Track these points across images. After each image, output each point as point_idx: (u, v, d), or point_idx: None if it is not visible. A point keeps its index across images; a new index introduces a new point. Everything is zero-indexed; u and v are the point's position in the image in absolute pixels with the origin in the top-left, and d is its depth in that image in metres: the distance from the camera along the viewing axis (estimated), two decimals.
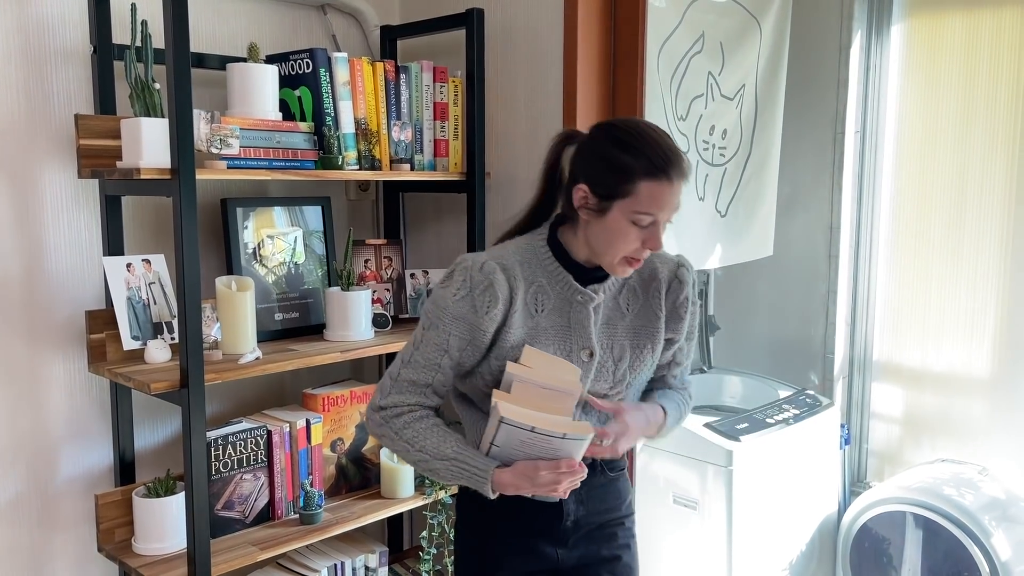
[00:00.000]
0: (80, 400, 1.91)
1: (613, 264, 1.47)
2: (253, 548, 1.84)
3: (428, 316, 1.46)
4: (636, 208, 1.41)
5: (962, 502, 2.60)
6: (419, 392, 1.47)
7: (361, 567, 2.16)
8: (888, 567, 2.78)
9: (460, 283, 1.43)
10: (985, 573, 2.52)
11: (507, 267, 1.44)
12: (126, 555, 1.80)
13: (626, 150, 1.41)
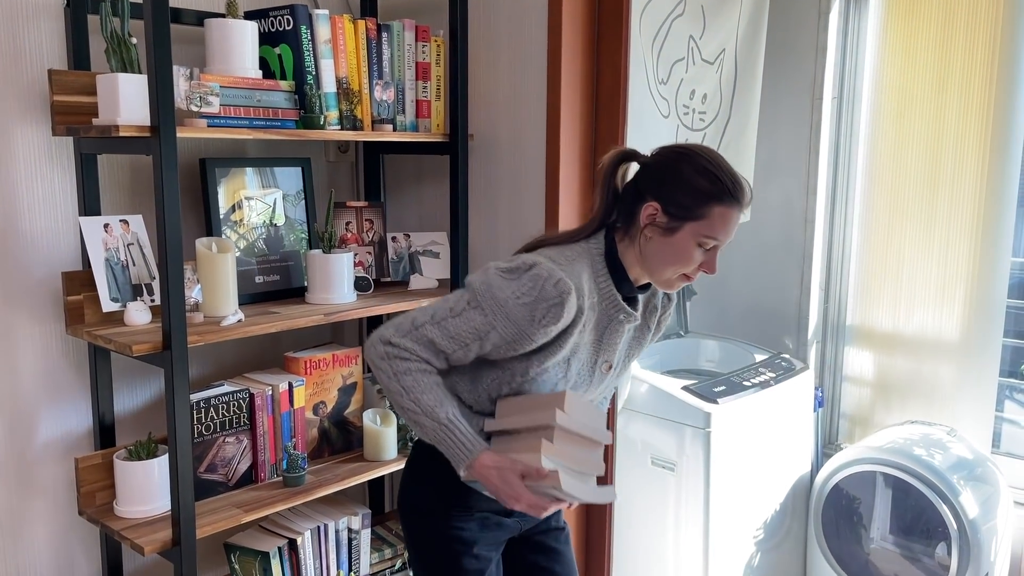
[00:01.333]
0: (57, 363, 1.88)
1: (669, 280, 1.52)
2: (237, 510, 1.84)
3: (480, 297, 1.43)
4: (706, 232, 1.47)
5: (931, 462, 2.66)
6: (434, 353, 1.46)
7: (344, 529, 2.17)
8: (859, 526, 2.85)
9: (528, 288, 1.41)
10: (953, 530, 2.59)
11: (581, 292, 1.45)
12: (108, 518, 1.79)
13: (705, 175, 1.47)
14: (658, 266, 1.51)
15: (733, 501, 2.65)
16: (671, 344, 3.21)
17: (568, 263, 1.47)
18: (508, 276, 1.43)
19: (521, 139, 2.16)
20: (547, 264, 1.42)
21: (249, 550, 2.03)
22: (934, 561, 2.66)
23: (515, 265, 1.43)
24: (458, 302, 1.45)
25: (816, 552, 2.91)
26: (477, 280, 1.45)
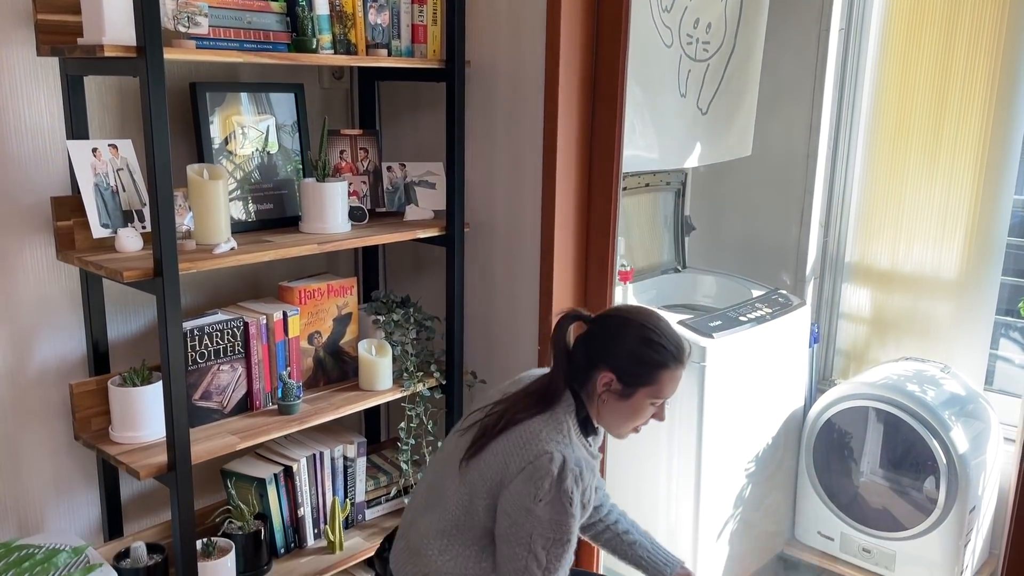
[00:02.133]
0: (49, 289, 1.87)
1: (623, 433, 1.71)
2: (232, 437, 1.85)
3: (551, 535, 1.54)
4: (658, 394, 1.64)
5: (924, 398, 2.68)
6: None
7: (339, 457, 2.19)
8: (849, 460, 2.89)
9: (572, 487, 1.54)
10: (942, 464, 2.62)
11: (592, 467, 1.62)
12: (103, 443, 1.80)
13: (652, 347, 1.62)
14: (615, 424, 1.69)
15: (726, 434, 2.67)
16: (668, 279, 3.20)
17: (567, 439, 1.60)
18: (551, 499, 1.54)
19: (520, 67, 2.11)
20: (560, 454, 1.55)
21: (245, 476, 2.05)
22: (922, 494, 2.70)
23: (547, 488, 1.53)
24: (538, 554, 1.56)
25: (807, 485, 2.96)
26: (536, 523, 1.54)
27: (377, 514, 2.30)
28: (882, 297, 3.13)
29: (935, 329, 3.02)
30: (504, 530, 1.59)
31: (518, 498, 1.56)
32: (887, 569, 2.77)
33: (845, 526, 2.86)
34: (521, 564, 1.57)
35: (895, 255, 3.07)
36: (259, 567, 2.01)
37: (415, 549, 1.68)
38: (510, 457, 1.60)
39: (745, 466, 2.78)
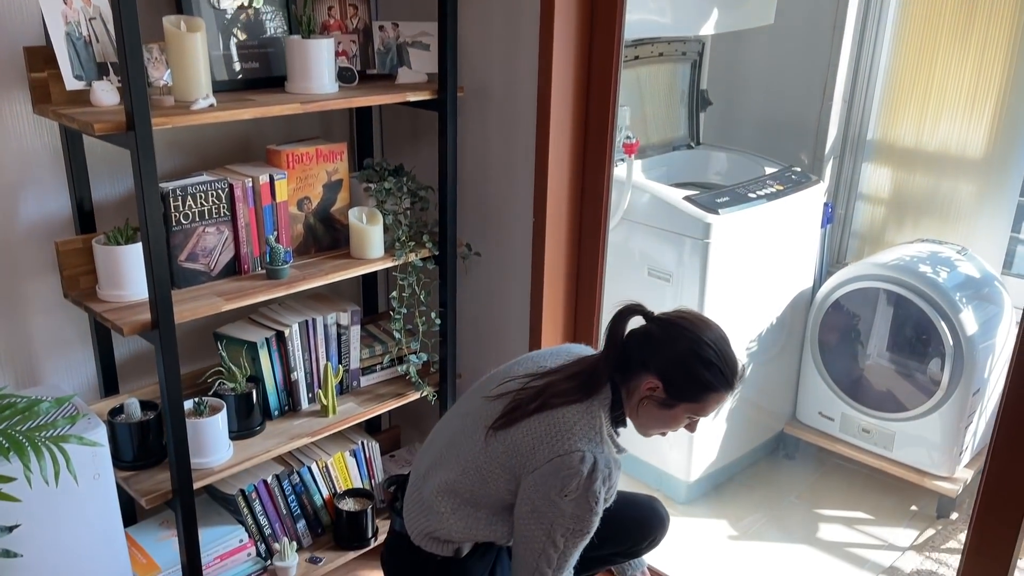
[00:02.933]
0: (31, 144, 1.84)
1: (649, 435, 1.71)
2: (217, 299, 1.84)
3: (573, 526, 1.56)
4: (700, 411, 1.64)
5: (935, 279, 2.61)
6: None
7: (333, 324, 2.19)
8: (856, 343, 2.85)
9: (600, 487, 1.55)
10: (948, 347, 2.57)
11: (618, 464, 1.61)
12: (91, 301, 1.81)
13: (707, 366, 1.58)
14: (646, 426, 1.68)
15: (728, 314, 2.63)
16: (680, 156, 3.10)
17: (599, 436, 1.58)
18: (577, 494, 1.54)
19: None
20: (590, 450, 1.55)
21: (236, 340, 2.07)
22: (926, 376, 2.67)
23: (574, 485, 1.53)
24: (557, 541, 1.57)
25: (810, 367, 2.93)
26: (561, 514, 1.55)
27: (372, 381, 2.32)
28: (903, 176, 3.02)
29: (955, 210, 2.91)
30: (525, 513, 1.61)
31: (544, 488, 1.57)
32: (885, 449, 2.77)
33: (846, 407, 2.85)
34: (539, 547, 1.59)
35: (920, 133, 2.94)
36: (252, 427, 2.05)
37: (428, 505, 1.71)
38: (540, 444, 1.59)
39: (747, 345, 2.75)
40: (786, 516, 2.79)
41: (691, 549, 2.60)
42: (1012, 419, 1.61)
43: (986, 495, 1.66)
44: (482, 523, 1.67)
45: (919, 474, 2.72)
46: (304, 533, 2.27)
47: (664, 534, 1.99)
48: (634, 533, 1.97)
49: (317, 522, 2.30)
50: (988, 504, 1.66)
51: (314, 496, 2.27)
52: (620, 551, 2.01)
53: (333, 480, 2.31)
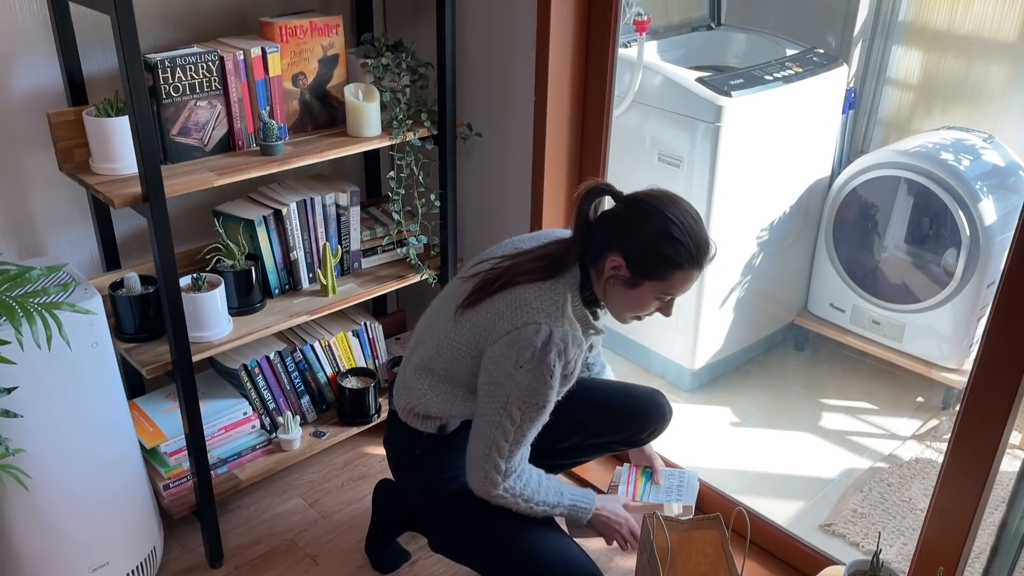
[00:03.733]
0: (19, 13, 1.82)
1: (624, 319, 1.67)
2: (210, 174, 1.84)
3: (527, 399, 1.57)
4: (665, 290, 1.59)
5: (956, 167, 2.52)
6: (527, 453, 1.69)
7: (332, 204, 2.18)
8: (872, 233, 2.78)
9: (554, 359, 1.55)
10: (965, 237, 2.50)
11: (579, 341, 1.60)
12: (85, 173, 1.81)
13: (670, 242, 1.53)
14: (616, 308, 1.66)
15: (739, 200, 2.58)
16: (698, 37, 2.98)
17: (559, 312, 1.58)
18: (534, 367, 1.55)
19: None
20: (547, 326, 1.55)
21: (233, 217, 2.07)
22: (940, 267, 2.61)
23: (528, 356, 1.55)
24: (513, 414, 1.59)
25: (823, 258, 2.88)
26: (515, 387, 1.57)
27: (373, 264, 2.33)
28: (934, 60, 2.87)
29: (986, 96, 2.78)
30: (484, 385, 1.63)
31: (500, 360, 1.58)
32: (895, 340, 2.74)
33: (858, 298, 2.81)
34: (496, 419, 1.61)
35: (953, 14, 2.78)
36: (252, 304, 2.08)
37: (408, 382, 1.77)
38: (500, 318, 1.60)
39: (758, 234, 2.71)
40: (790, 405, 2.80)
41: (692, 435, 2.63)
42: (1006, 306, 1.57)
43: (976, 381, 1.64)
44: (458, 400, 1.71)
45: (927, 366, 2.69)
46: (309, 409, 2.33)
47: (665, 426, 2.01)
48: (635, 423, 1.99)
49: (321, 399, 2.36)
50: (977, 392, 1.64)
51: (318, 374, 2.32)
52: (620, 440, 2.04)
53: (337, 359, 2.35)
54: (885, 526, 2.29)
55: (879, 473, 2.48)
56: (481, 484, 1.67)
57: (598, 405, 1.95)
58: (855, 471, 2.50)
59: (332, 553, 2.14)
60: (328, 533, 2.20)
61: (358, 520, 2.24)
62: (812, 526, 2.29)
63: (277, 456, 2.22)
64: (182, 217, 2.20)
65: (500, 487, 1.65)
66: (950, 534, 1.76)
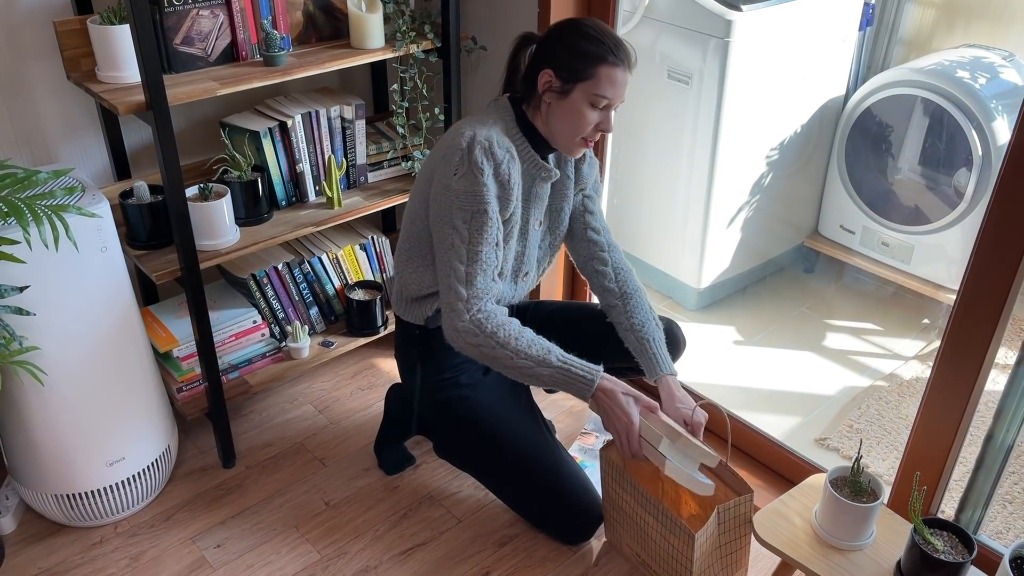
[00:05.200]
0: None
1: (571, 144, 1.71)
2: (212, 83, 1.87)
3: (466, 205, 1.63)
4: (595, 91, 1.64)
5: (971, 85, 2.47)
6: (493, 280, 1.68)
7: (337, 117, 2.20)
8: (886, 154, 2.75)
9: (482, 162, 1.62)
10: (977, 156, 2.47)
11: (507, 147, 1.67)
12: (91, 82, 1.85)
13: (590, 40, 1.63)
14: (559, 130, 1.69)
15: (749, 119, 2.56)
16: None
17: (486, 127, 1.67)
18: (463, 171, 1.62)
19: None
20: (470, 131, 1.64)
21: (239, 128, 2.11)
22: (951, 188, 2.58)
23: (457, 160, 1.62)
24: (459, 227, 1.64)
25: (835, 179, 2.86)
26: (449, 197, 1.64)
27: (379, 178, 2.36)
28: None
29: (1009, 14, 2.70)
30: (433, 215, 1.70)
31: (440, 179, 1.67)
32: (903, 262, 2.74)
33: (868, 220, 2.79)
34: (448, 242, 1.67)
35: None
36: (259, 215, 2.13)
37: (396, 271, 1.88)
38: (436, 153, 1.71)
39: (768, 154, 2.69)
40: (795, 325, 2.82)
41: (694, 353, 2.66)
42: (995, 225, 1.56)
43: (964, 297, 1.65)
44: (429, 268, 1.79)
45: (934, 288, 2.69)
46: (317, 319, 2.39)
47: (677, 357, 2.01)
48: None
49: (330, 310, 2.42)
50: (965, 308, 1.65)
51: (326, 285, 2.38)
52: (632, 366, 2.07)
53: (344, 271, 2.41)
54: (879, 441, 2.33)
55: (878, 391, 2.51)
56: (450, 322, 1.67)
57: (611, 331, 1.97)
58: (855, 389, 2.53)
59: (339, 456, 2.23)
60: (336, 438, 2.29)
61: (365, 427, 2.33)
62: (807, 440, 2.33)
63: (286, 363, 2.29)
64: (189, 129, 2.24)
65: (465, 318, 1.65)
66: (934, 446, 1.79)
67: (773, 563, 1.75)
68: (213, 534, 1.99)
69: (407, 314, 1.87)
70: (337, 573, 1.89)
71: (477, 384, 1.92)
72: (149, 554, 1.93)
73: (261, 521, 2.02)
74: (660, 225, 2.77)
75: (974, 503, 1.85)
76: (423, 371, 1.91)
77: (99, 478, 1.91)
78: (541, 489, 1.91)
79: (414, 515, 2.05)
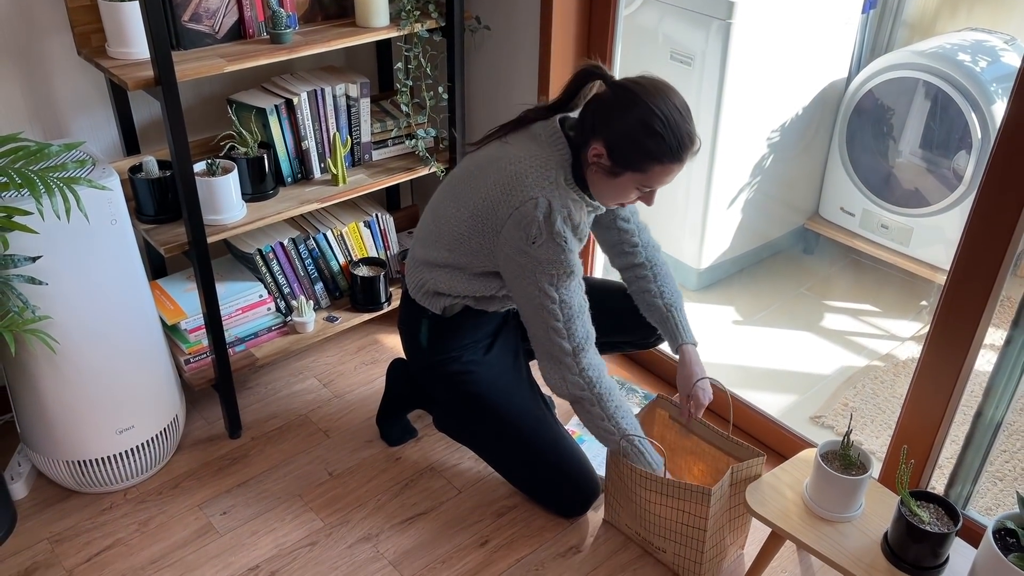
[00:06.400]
0: None
1: (608, 205, 1.73)
2: (220, 60, 1.90)
3: (553, 271, 1.63)
4: (645, 183, 1.62)
5: (972, 68, 2.48)
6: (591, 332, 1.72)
7: (342, 95, 2.24)
8: (887, 137, 2.77)
9: (562, 227, 1.61)
10: (977, 139, 2.49)
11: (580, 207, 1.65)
12: (101, 57, 1.88)
13: (651, 135, 1.54)
14: (599, 194, 1.68)
15: (751, 100, 2.58)
16: None
17: (552, 184, 1.62)
18: (544, 241, 1.61)
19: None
20: (545, 200, 1.60)
21: (246, 105, 2.14)
22: (950, 171, 2.60)
23: (535, 232, 1.60)
24: (547, 290, 1.65)
25: (836, 161, 2.88)
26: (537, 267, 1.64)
27: (384, 156, 2.39)
28: None
29: None
30: (512, 274, 1.69)
31: (514, 243, 1.64)
32: (902, 244, 2.76)
33: (868, 202, 2.82)
34: (537, 302, 1.68)
35: None
36: (265, 191, 2.16)
37: (418, 261, 1.87)
38: (498, 203, 1.65)
39: (769, 136, 2.71)
40: (794, 306, 2.85)
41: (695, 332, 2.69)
42: (985, 206, 1.59)
43: (954, 278, 1.68)
44: (464, 279, 1.80)
45: (932, 270, 2.71)
46: (322, 295, 2.44)
47: None
48: (644, 326, 2.06)
49: (335, 286, 2.46)
50: (955, 286, 1.68)
51: (331, 262, 2.42)
52: (629, 341, 2.12)
53: (349, 248, 2.45)
54: (873, 420, 2.36)
55: (874, 371, 2.54)
56: (557, 373, 1.73)
57: (610, 306, 2.01)
58: (851, 369, 2.56)
59: (343, 428, 2.28)
60: (340, 411, 2.34)
61: (369, 401, 2.38)
62: (803, 418, 2.37)
63: (292, 337, 2.34)
64: (198, 107, 2.27)
65: (574, 369, 1.71)
66: (925, 422, 1.83)
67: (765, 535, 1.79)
68: (219, 502, 2.04)
69: (424, 301, 1.87)
70: (340, 540, 1.94)
71: (479, 360, 1.96)
72: (157, 520, 1.99)
73: (266, 490, 2.08)
74: (661, 205, 2.79)
75: (963, 479, 1.89)
76: (428, 348, 1.94)
77: (109, 445, 1.96)
78: (539, 463, 1.96)
79: (415, 485, 2.10)
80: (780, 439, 2.17)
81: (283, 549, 1.92)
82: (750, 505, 1.70)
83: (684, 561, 1.82)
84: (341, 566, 1.88)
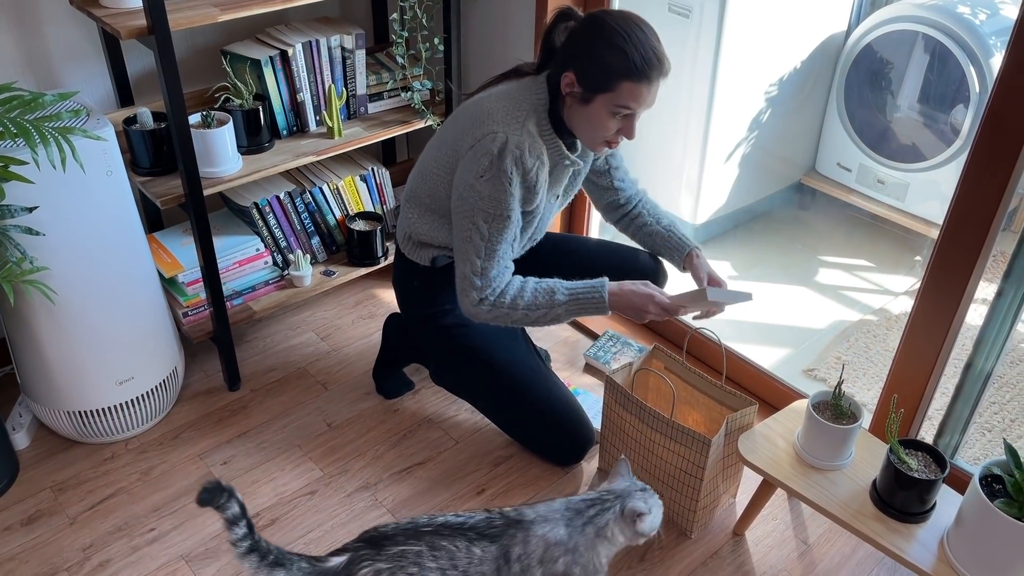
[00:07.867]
0: None
1: (593, 145, 1.71)
2: (214, 9, 1.88)
3: (490, 209, 1.64)
4: (616, 103, 1.59)
5: (970, 21, 2.47)
6: (506, 266, 1.72)
7: (337, 47, 2.22)
8: (885, 91, 2.76)
9: (511, 171, 1.61)
10: (975, 93, 2.48)
11: (538, 153, 1.65)
12: (94, 7, 1.86)
13: (612, 50, 1.55)
14: (581, 132, 1.68)
15: (749, 56, 2.56)
16: None
17: (518, 124, 1.63)
18: (490, 175, 1.61)
19: None
20: (503, 135, 1.60)
21: (240, 56, 2.12)
22: (948, 126, 2.60)
23: (486, 164, 1.61)
24: (479, 226, 1.66)
25: (833, 116, 2.87)
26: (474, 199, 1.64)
27: (379, 108, 2.38)
28: None
29: None
30: (455, 204, 1.71)
31: (464, 174, 1.66)
32: (898, 200, 2.77)
33: (865, 157, 2.81)
34: (466, 235, 1.70)
35: None
36: (261, 144, 2.16)
37: (403, 211, 1.89)
38: (464, 134, 1.67)
39: (767, 90, 2.70)
40: (789, 261, 2.87)
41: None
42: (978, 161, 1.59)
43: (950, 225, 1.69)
44: (444, 228, 1.82)
45: (928, 225, 2.72)
46: (319, 249, 2.44)
47: (665, 281, 2.09)
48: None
49: (331, 240, 2.47)
50: (948, 239, 1.69)
51: (327, 215, 2.42)
52: None
53: (345, 202, 2.45)
54: (865, 372, 2.39)
55: (867, 325, 2.56)
56: (464, 303, 1.76)
57: (593, 265, 2.01)
58: (844, 323, 2.58)
59: (341, 381, 2.30)
60: (338, 364, 2.36)
61: (366, 354, 2.39)
62: (796, 371, 2.40)
63: (289, 291, 2.35)
64: (192, 58, 2.25)
65: (481, 304, 1.73)
66: (915, 373, 1.85)
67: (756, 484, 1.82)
68: (220, 451, 2.07)
69: (412, 253, 1.90)
70: (339, 489, 1.97)
71: None
72: (159, 469, 2.02)
73: (266, 440, 2.10)
74: (657, 160, 2.80)
75: (952, 429, 1.92)
76: (422, 302, 1.96)
77: (109, 396, 1.98)
78: (534, 413, 1.98)
79: (413, 436, 2.13)
80: (773, 391, 2.19)
81: (283, 497, 1.95)
82: (742, 454, 1.73)
83: (679, 508, 1.86)
84: (340, 514, 1.92)
